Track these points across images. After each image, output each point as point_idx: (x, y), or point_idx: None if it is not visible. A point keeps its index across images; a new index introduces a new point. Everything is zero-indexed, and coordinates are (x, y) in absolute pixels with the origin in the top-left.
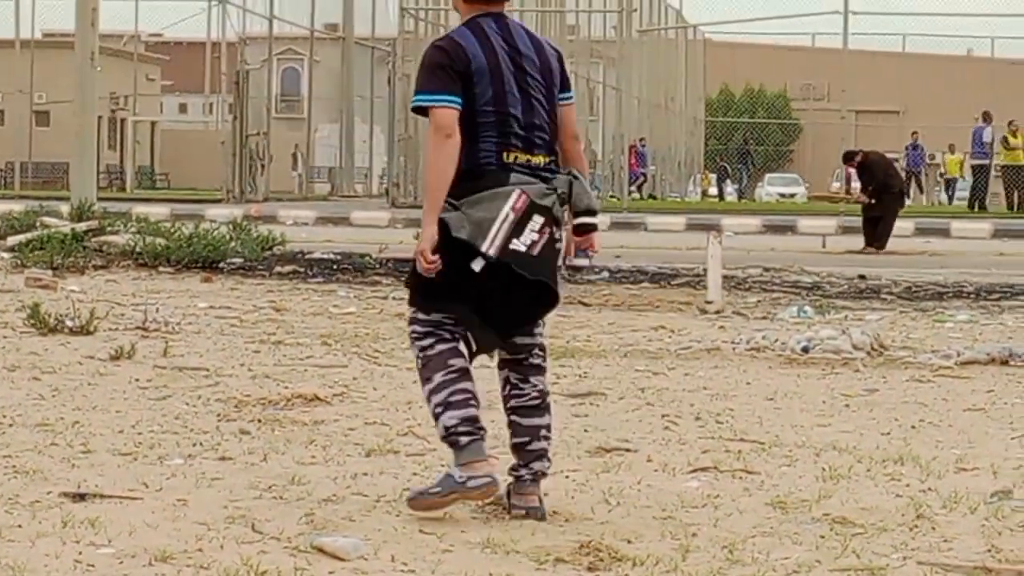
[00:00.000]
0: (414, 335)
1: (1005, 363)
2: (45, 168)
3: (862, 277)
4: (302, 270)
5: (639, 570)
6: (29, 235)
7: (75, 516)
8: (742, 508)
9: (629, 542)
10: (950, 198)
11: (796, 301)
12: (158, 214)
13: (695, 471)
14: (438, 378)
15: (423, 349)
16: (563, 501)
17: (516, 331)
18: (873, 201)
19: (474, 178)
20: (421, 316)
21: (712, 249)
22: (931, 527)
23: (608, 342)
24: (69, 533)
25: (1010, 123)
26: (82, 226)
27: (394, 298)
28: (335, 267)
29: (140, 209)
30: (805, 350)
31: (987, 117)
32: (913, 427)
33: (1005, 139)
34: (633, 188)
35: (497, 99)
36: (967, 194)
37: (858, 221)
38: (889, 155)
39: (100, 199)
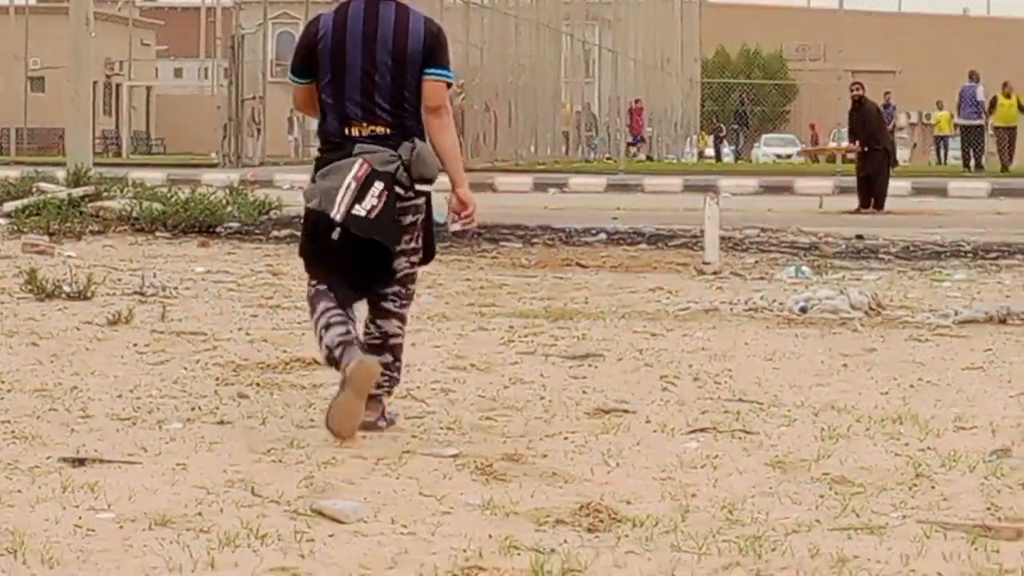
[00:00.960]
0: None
1: (1003, 322)
2: (41, 134)
3: (860, 237)
4: (299, 234)
5: (639, 531)
6: (25, 201)
7: (74, 481)
8: (741, 468)
9: (628, 503)
10: (943, 157)
11: (793, 261)
12: (154, 179)
13: (694, 432)
14: (321, 308)
15: (313, 305)
16: (562, 462)
17: (370, 287)
18: (865, 149)
19: (326, 150)
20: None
21: (709, 210)
22: (930, 486)
23: (606, 303)
24: (69, 498)
25: (1004, 84)
26: (78, 191)
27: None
28: None
29: (136, 174)
30: (803, 310)
31: (974, 76)
32: (912, 386)
33: (995, 99)
34: (636, 150)
35: (335, 78)
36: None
37: (854, 181)
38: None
39: (96, 164)
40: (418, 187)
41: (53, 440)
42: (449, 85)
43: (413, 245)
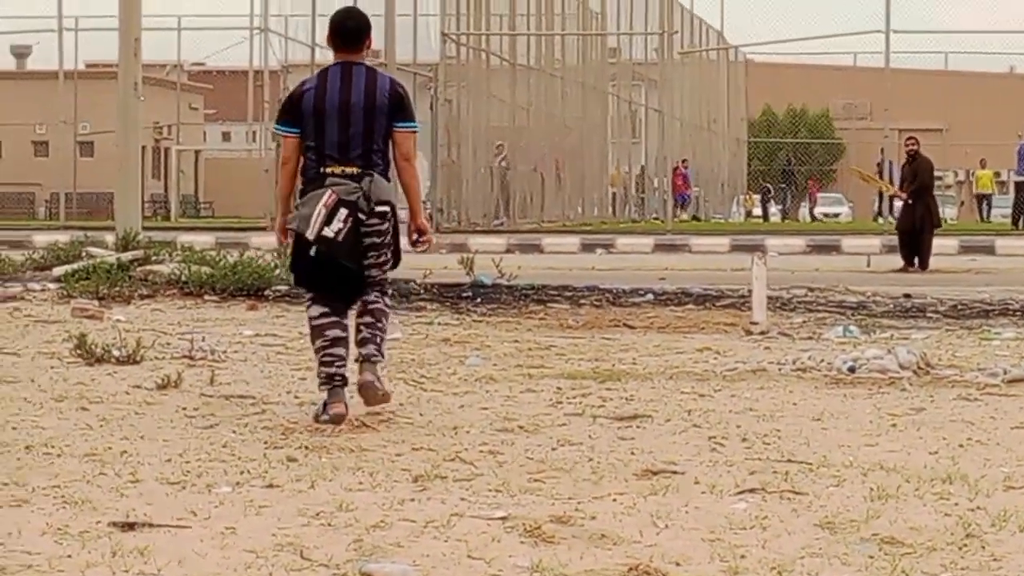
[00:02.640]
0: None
1: None
2: (90, 198)
3: (907, 296)
4: None
5: None
6: (75, 265)
7: (124, 545)
8: (790, 529)
9: (678, 564)
10: (984, 215)
11: (841, 321)
12: (203, 242)
13: (742, 492)
14: (318, 344)
15: (309, 317)
16: (611, 524)
17: (351, 300)
18: (909, 201)
19: (306, 184)
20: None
21: (757, 270)
22: (980, 546)
23: (654, 364)
24: (119, 563)
25: None
26: (127, 255)
27: (439, 323)
28: None
29: (185, 238)
30: (851, 370)
31: None
32: (961, 446)
33: None
34: (681, 210)
35: (321, 129)
36: (1007, 210)
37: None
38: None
39: (145, 228)
40: (377, 209)
41: (103, 505)
42: (415, 134)
43: (382, 259)
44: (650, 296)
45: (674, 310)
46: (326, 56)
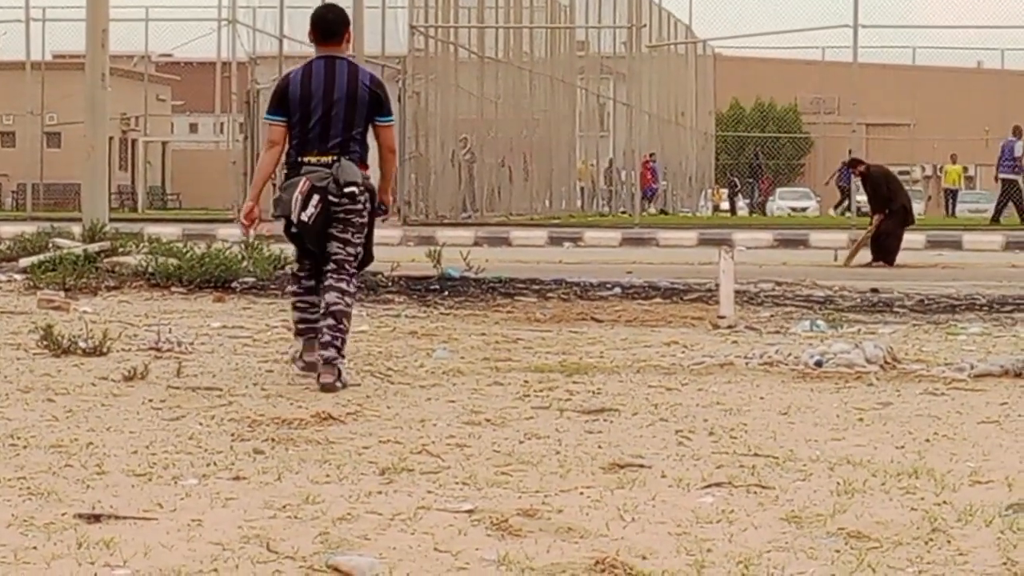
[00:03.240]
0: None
1: (1019, 375)
2: (57, 189)
3: (875, 290)
4: None
5: None
6: (41, 256)
7: (90, 537)
8: (757, 523)
9: (644, 558)
10: (950, 209)
11: (809, 315)
12: (170, 234)
13: (709, 486)
14: (292, 288)
15: (292, 271)
16: (578, 517)
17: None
18: (885, 213)
19: (288, 170)
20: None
21: (724, 264)
22: (946, 541)
23: (621, 358)
24: (84, 554)
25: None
26: (94, 247)
27: (407, 316)
28: None
29: (152, 229)
30: (818, 364)
31: (1017, 132)
32: (927, 440)
33: None
34: (648, 204)
35: (302, 118)
36: (973, 205)
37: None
38: (900, 168)
39: (112, 220)
40: (346, 190)
41: (69, 496)
42: (393, 126)
43: (347, 237)
44: (617, 290)
45: (641, 304)
46: (294, 48)
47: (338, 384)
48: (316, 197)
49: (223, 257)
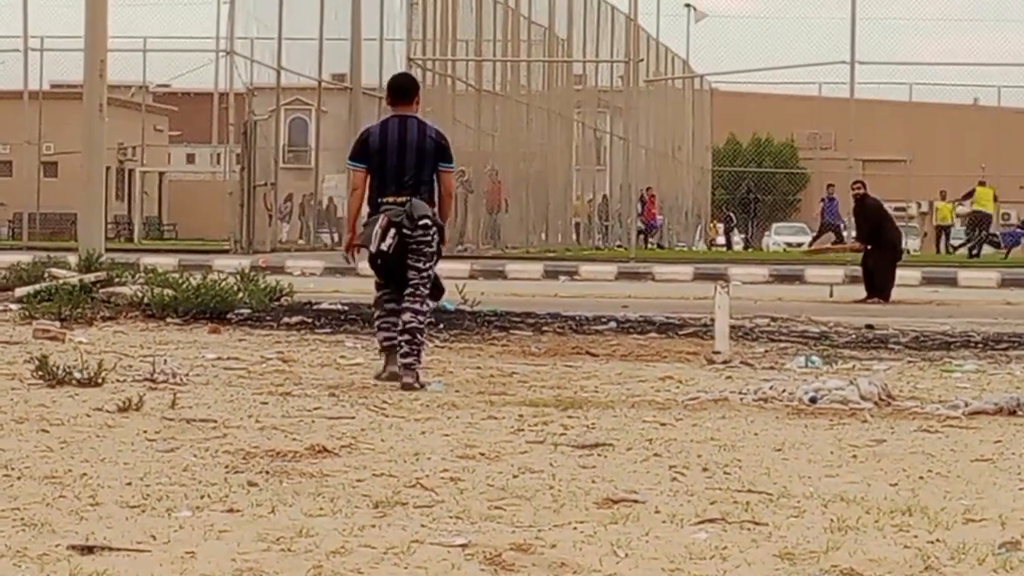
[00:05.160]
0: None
1: (1013, 413)
2: (53, 219)
3: (870, 327)
4: (310, 321)
5: None
6: (37, 286)
7: (83, 569)
8: (750, 560)
9: None
10: (944, 246)
11: (804, 351)
12: (166, 264)
13: (703, 522)
14: (378, 313)
15: (376, 296)
16: (571, 552)
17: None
18: (868, 247)
19: (370, 209)
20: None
21: (719, 299)
22: None
23: (615, 392)
24: None
25: None
26: (90, 277)
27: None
28: (343, 318)
29: (148, 260)
30: (813, 400)
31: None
32: (921, 478)
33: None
34: (649, 237)
35: (381, 166)
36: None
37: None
38: (896, 204)
39: (108, 250)
40: (419, 223)
41: (62, 527)
42: (453, 171)
43: (420, 265)
44: (613, 324)
45: (637, 338)
46: (291, 79)
47: (416, 384)
48: (393, 230)
49: (219, 288)
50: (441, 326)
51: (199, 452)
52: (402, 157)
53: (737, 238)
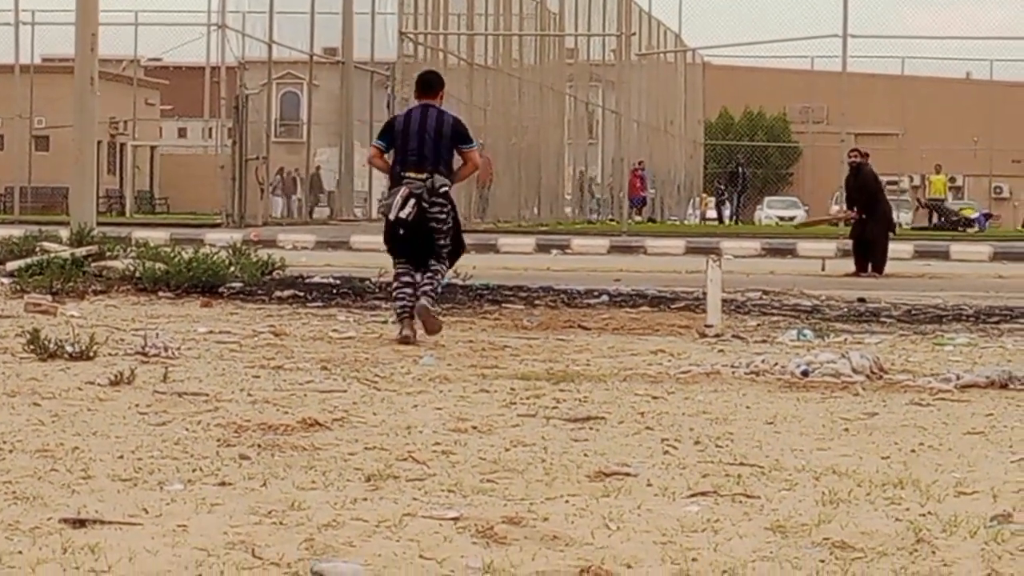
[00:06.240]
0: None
1: (1004, 386)
2: (44, 193)
3: (862, 300)
4: (301, 294)
5: None
6: (29, 260)
7: (75, 542)
8: (742, 532)
9: (629, 567)
10: (938, 224)
11: (796, 324)
12: (157, 238)
13: (695, 495)
14: (394, 285)
15: (394, 271)
16: (563, 525)
17: (420, 259)
18: (863, 216)
19: (391, 182)
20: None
21: (711, 272)
22: (931, 551)
23: (607, 366)
24: (69, 559)
25: None
26: (81, 251)
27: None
28: (334, 291)
29: (139, 234)
30: (805, 374)
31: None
32: (913, 451)
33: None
34: (637, 212)
35: (403, 146)
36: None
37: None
38: (888, 178)
39: (100, 224)
40: (436, 198)
41: (54, 501)
42: (475, 150)
43: (442, 235)
44: (605, 297)
45: (629, 312)
46: (282, 53)
47: (431, 308)
48: (412, 200)
49: (210, 262)
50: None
51: (191, 426)
52: (422, 139)
53: (729, 211)
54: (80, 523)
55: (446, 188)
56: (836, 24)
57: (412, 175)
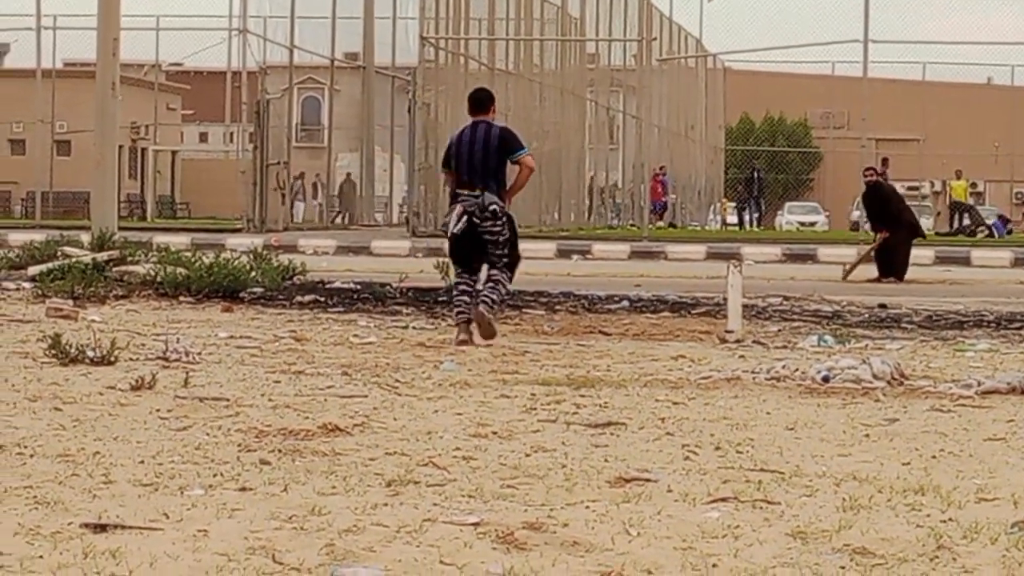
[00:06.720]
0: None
1: None
2: (66, 197)
3: (883, 306)
4: (322, 300)
5: None
6: (50, 265)
7: (96, 547)
8: (762, 539)
9: (649, 573)
10: (958, 228)
11: (816, 330)
12: (178, 243)
13: (715, 501)
14: (454, 293)
15: (454, 280)
16: (583, 531)
17: (476, 269)
18: (887, 234)
19: (450, 200)
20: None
21: (732, 278)
22: (951, 558)
23: (628, 371)
24: (90, 564)
25: None
26: (103, 256)
27: (414, 327)
28: (355, 296)
29: (161, 238)
30: (825, 379)
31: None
32: (933, 457)
33: None
34: (658, 217)
35: (457, 165)
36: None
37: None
38: (909, 183)
39: (121, 228)
40: (487, 213)
41: (75, 506)
42: (527, 155)
43: (498, 246)
44: (625, 303)
45: (649, 317)
46: (303, 58)
47: (487, 315)
48: (465, 217)
49: (232, 267)
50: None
51: (211, 430)
52: (472, 157)
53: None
54: (101, 528)
55: (495, 207)
56: (857, 29)
57: (465, 193)
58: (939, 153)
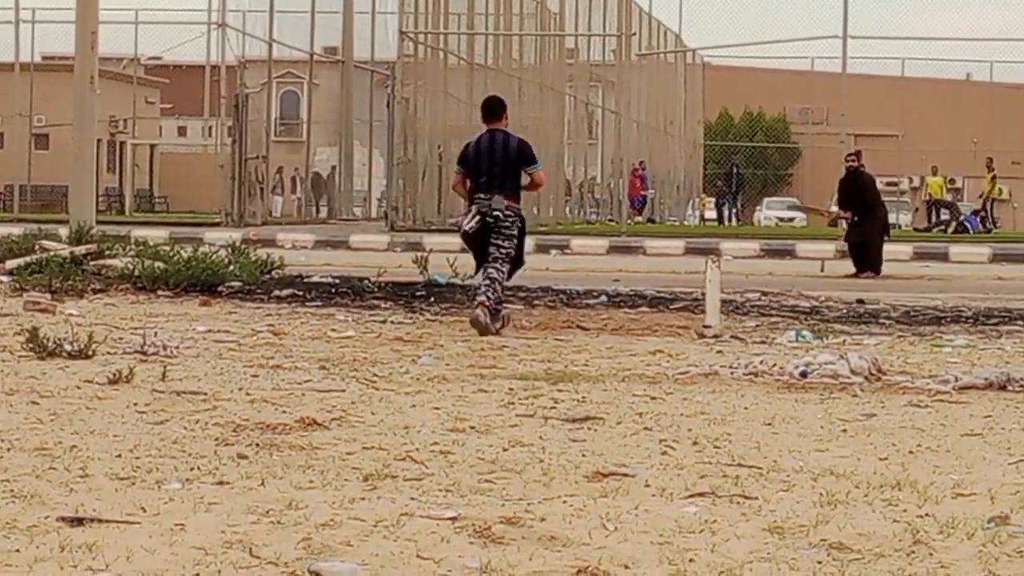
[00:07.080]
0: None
1: (1003, 388)
2: (44, 191)
3: (860, 301)
4: (300, 294)
5: None
6: (28, 258)
7: (73, 541)
8: (739, 533)
9: (626, 567)
10: (935, 223)
11: (794, 325)
12: (157, 237)
13: (692, 496)
14: (478, 280)
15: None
16: (561, 525)
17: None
18: (855, 219)
19: (469, 202)
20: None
21: (710, 273)
22: (928, 553)
23: (606, 366)
24: (67, 558)
25: None
26: (81, 249)
27: (392, 322)
28: (333, 291)
29: (139, 232)
30: (803, 375)
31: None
32: (911, 452)
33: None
34: (634, 213)
35: (475, 171)
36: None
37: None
38: (888, 179)
39: (99, 222)
40: (495, 213)
41: (52, 499)
42: (539, 170)
43: (499, 242)
44: (604, 298)
45: (627, 312)
46: (282, 52)
47: (482, 317)
48: (478, 216)
49: (210, 261)
50: (432, 299)
51: (189, 424)
52: (490, 164)
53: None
54: (78, 521)
55: (499, 213)
56: (836, 25)
57: (482, 197)
58: (918, 149)
